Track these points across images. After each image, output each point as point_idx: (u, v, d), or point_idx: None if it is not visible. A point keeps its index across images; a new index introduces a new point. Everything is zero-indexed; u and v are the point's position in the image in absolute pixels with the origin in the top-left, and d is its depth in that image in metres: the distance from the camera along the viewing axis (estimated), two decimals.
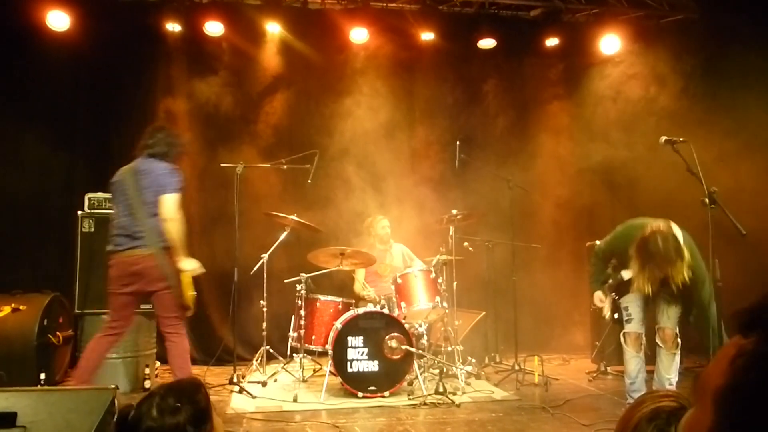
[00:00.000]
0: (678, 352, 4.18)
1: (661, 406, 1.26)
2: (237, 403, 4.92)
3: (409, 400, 4.92)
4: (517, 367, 5.76)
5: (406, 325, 5.17)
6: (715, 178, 3.90)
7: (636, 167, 7.10)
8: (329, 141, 6.83)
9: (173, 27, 6.66)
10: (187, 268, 4.24)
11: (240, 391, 5.17)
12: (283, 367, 5.77)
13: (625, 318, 4.28)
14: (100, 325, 5.31)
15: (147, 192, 4.16)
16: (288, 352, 5.83)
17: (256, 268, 5.70)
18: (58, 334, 5.38)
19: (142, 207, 4.14)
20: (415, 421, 4.42)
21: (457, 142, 6.22)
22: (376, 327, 5.07)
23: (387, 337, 5.02)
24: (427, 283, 5.43)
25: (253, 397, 5.06)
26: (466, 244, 6.29)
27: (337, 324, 5.17)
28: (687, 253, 3.74)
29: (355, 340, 5.03)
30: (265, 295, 5.69)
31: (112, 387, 2.55)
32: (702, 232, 3.72)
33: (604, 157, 7.45)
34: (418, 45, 7.24)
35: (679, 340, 4.17)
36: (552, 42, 7.41)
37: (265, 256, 5.71)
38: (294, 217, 5.65)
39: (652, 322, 4.36)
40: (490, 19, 7.34)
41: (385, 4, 7.21)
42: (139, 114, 6.76)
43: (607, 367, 5.94)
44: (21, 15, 6.27)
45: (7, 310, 4.93)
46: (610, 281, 4.25)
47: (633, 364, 4.28)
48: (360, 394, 4.96)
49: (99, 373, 4.30)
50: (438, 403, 4.79)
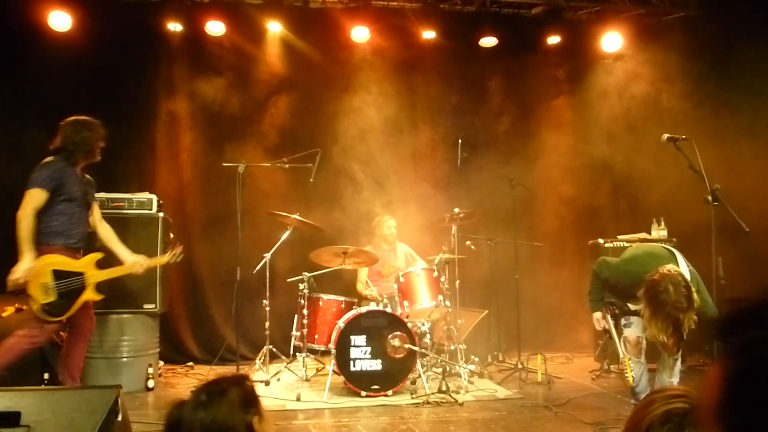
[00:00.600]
0: (679, 357, 4.16)
1: (673, 408, 1.24)
2: None
3: (412, 398, 4.92)
4: (520, 366, 5.76)
5: (409, 324, 5.17)
6: (718, 175, 3.89)
7: (639, 165, 7.09)
8: (331, 140, 6.82)
9: (174, 27, 6.67)
10: (20, 271, 4.02)
11: None
12: (286, 366, 5.77)
13: (624, 323, 4.24)
14: (103, 325, 5.35)
15: None
16: (291, 351, 5.83)
17: (258, 267, 5.70)
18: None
19: None
20: (418, 420, 4.42)
21: (459, 141, 6.22)
22: (379, 326, 5.07)
23: (390, 336, 5.02)
24: (429, 282, 5.43)
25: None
26: (468, 242, 6.28)
27: (340, 323, 5.17)
28: (696, 296, 3.64)
29: (358, 339, 5.03)
30: (267, 294, 5.69)
31: (116, 386, 2.56)
32: (705, 229, 3.71)
33: (607, 154, 7.45)
34: (419, 44, 7.23)
35: (680, 344, 4.13)
36: (554, 40, 7.40)
37: (267, 255, 5.71)
38: (296, 216, 5.65)
39: None
40: (491, 17, 7.33)
41: (386, 3, 7.21)
42: (140, 114, 6.78)
43: (611, 366, 5.93)
44: (23, 15, 6.28)
45: (10, 310, 4.94)
46: (617, 311, 4.18)
47: (636, 369, 4.25)
48: (363, 393, 4.96)
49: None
50: (441, 402, 4.79)
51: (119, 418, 2.50)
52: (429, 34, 7.16)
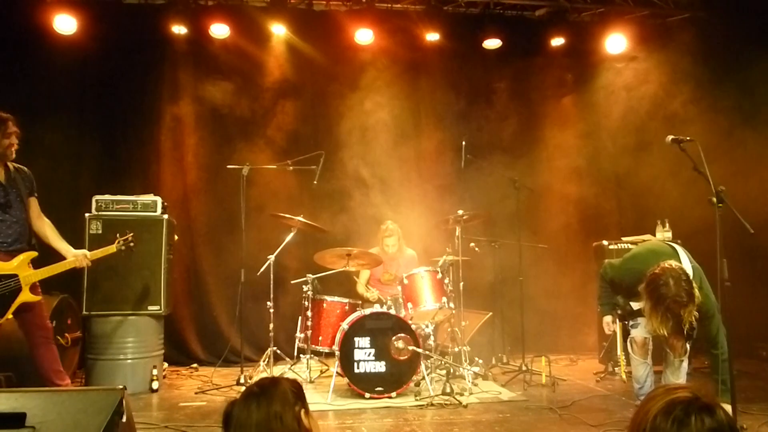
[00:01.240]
0: (686, 359, 4.15)
1: (676, 397, 1.26)
2: None
3: (416, 400, 4.91)
4: (524, 368, 5.75)
5: (413, 326, 5.17)
6: (723, 176, 3.88)
7: (643, 167, 7.08)
8: (335, 142, 6.84)
9: (179, 29, 6.69)
10: None
11: None
12: (290, 368, 5.78)
13: (631, 323, 4.24)
14: (108, 327, 5.37)
15: None
16: (295, 353, 5.84)
17: (263, 269, 5.71)
18: (67, 335, 5.41)
19: None
20: (422, 422, 4.41)
21: (463, 143, 6.22)
22: (383, 328, 5.07)
23: (394, 337, 5.02)
24: (433, 284, 5.42)
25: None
26: (472, 244, 6.28)
27: (344, 325, 5.18)
28: (697, 292, 3.64)
29: (362, 341, 5.03)
30: (272, 296, 5.70)
31: (120, 388, 2.56)
32: (710, 231, 3.69)
33: (611, 156, 7.45)
34: (423, 46, 7.24)
35: (687, 346, 4.12)
36: (557, 42, 7.40)
37: (272, 257, 5.72)
38: (300, 218, 5.66)
39: None
40: (495, 19, 7.34)
41: (389, 5, 7.22)
42: (145, 116, 6.82)
43: (615, 368, 5.92)
44: (28, 19, 6.32)
45: None
46: (620, 311, 4.19)
47: (641, 370, 4.24)
48: (367, 395, 4.96)
49: None
50: (445, 404, 4.78)
51: (124, 420, 2.51)
52: (433, 36, 7.17)
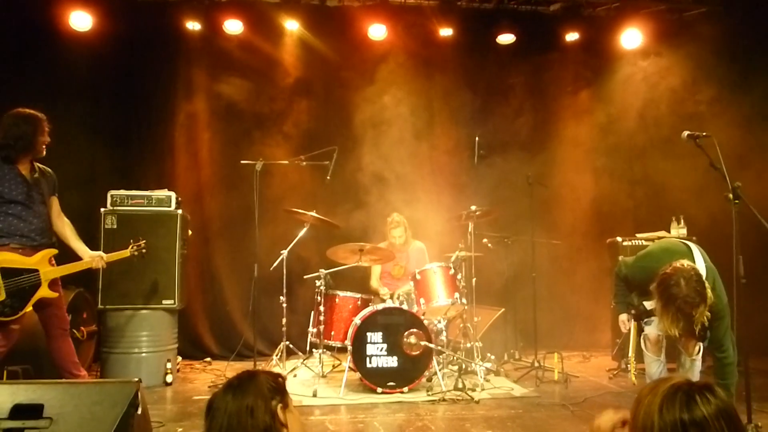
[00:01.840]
0: (699, 357, 4.12)
1: (677, 382, 1.33)
2: None
3: (428, 396, 4.92)
4: (536, 364, 5.73)
5: (425, 321, 5.17)
6: (740, 172, 3.84)
7: (658, 163, 7.02)
8: (348, 137, 6.84)
9: (193, 26, 6.73)
10: None
11: None
12: (302, 363, 5.80)
13: (645, 321, 4.21)
14: (122, 321, 5.43)
15: None
16: (307, 348, 5.86)
17: (276, 264, 5.73)
18: (82, 329, 5.46)
19: None
20: (434, 417, 4.42)
21: (477, 138, 6.20)
22: (396, 323, 5.08)
23: (406, 333, 5.03)
24: (446, 280, 5.42)
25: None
26: (485, 240, 6.27)
27: (356, 320, 5.19)
28: (709, 292, 3.60)
29: (374, 336, 5.05)
30: (284, 290, 5.72)
31: (136, 380, 2.59)
32: (725, 227, 3.66)
33: (626, 152, 7.39)
34: (436, 41, 7.21)
35: (700, 345, 4.09)
36: (572, 37, 7.35)
37: (284, 252, 5.74)
38: (313, 213, 5.68)
39: None
40: (509, 14, 7.29)
41: (403, 1, 7.19)
42: (159, 112, 6.86)
43: (628, 365, 5.88)
44: (44, 15, 6.37)
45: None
46: (633, 311, 4.17)
47: (654, 368, 4.21)
48: (379, 390, 4.98)
49: None
50: (457, 400, 4.79)
51: (139, 412, 2.53)
52: (446, 32, 7.15)
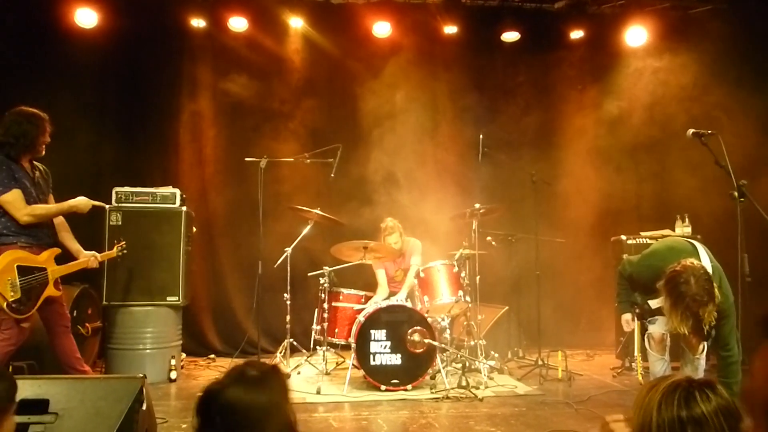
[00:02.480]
0: (703, 356, 4.11)
1: (677, 379, 1.36)
2: None
3: (432, 393, 4.92)
4: (540, 362, 5.72)
5: (429, 319, 5.17)
6: (746, 170, 3.83)
7: (663, 161, 7.01)
8: (352, 135, 6.84)
9: (198, 23, 6.75)
10: None
11: None
12: (306, 360, 5.82)
13: (649, 320, 4.20)
14: (127, 317, 5.44)
15: None
16: (311, 345, 5.87)
17: (280, 262, 5.74)
18: (87, 325, 5.49)
19: None
20: (438, 415, 4.42)
21: (480, 136, 6.19)
22: (399, 320, 5.08)
23: (410, 330, 5.03)
24: (450, 278, 5.42)
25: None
26: (489, 238, 6.26)
27: (360, 317, 5.20)
28: (716, 291, 3.60)
29: (378, 334, 5.05)
30: (288, 288, 5.73)
31: (141, 376, 2.61)
32: (730, 225, 3.66)
33: (630, 150, 7.37)
34: (441, 38, 7.21)
35: (705, 344, 4.08)
36: (577, 34, 7.33)
37: (288, 250, 5.75)
38: (317, 210, 5.68)
39: None
40: (513, 11, 7.28)
41: None
42: (164, 109, 6.88)
43: (632, 363, 5.88)
44: (50, 13, 6.39)
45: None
46: (637, 310, 4.16)
47: (658, 366, 4.21)
48: (383, 387, 4.98)
49: None
50: (461, 397, 4.79)
51: (144, 407, 2.55)
52: (451, 29, 7.14)
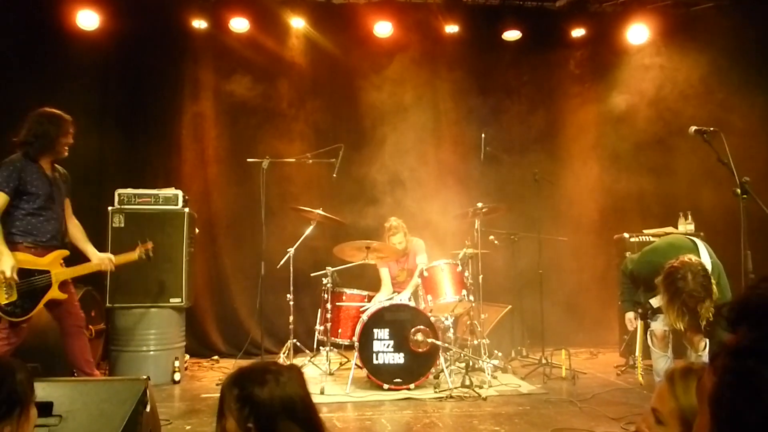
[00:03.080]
0: (705, 353, 4.10)
1: (692, 364, 1.40)
2: None
3: (436, 392, 4.92)
4: (544, 361, 5.72)
5: (433, 318, 5.17)
6: (749, 167, 3.82)
7: (666, 158, 6.99)
8: (354, 135, 6.84)
9: (199, 24, 6.76)
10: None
11: None
12: (309, 360, 5.82)
13: (651, 317, 4.20)
14: (130, 319, 5.45)
15: None
16: (315, 345, 5.87)
17: (282, 262, 5.74)
18: (91, 327, 5.47)
19: None
20: (442, 414, 4.42)
21: (483, 135, 6.18)
22: (402, 320, 5.08)
23: (413, 330, 5.02)
24: (453, 277, 5.42)
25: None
26: (491, 237, 6.26)
27: (364, 316, 5.20)
28: (714, 288, 3.62)
29: (381, 333, 5.05)
30: (291, 288, 5.73)
31: (144, 378, 2.61)
32: (733, 222, 3.65)
33: (633, 148, 7.35)
34: (442, 38, 7.21)
35: (706, 341, 4.07)
36: (578, 33, 7.33)
37: (291, 250, 5.75)
38: (320, 211, 5.68)
39: None
40: (514, 10, 7.28)
41: None
42: (166, 110, 6.88)
43: (635, 362, 5.86)
44: (51, 15, 6.41)
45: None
46: (640, 309, 4.17)
47: (661, 363, 4.20)
48: (385, 386, 4.98)
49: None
50: (464, 396, 4.79)
51: (147, 409, 2.55)
52: (452, 29, 7.14)
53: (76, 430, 2.38)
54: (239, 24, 6.82)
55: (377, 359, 5.03)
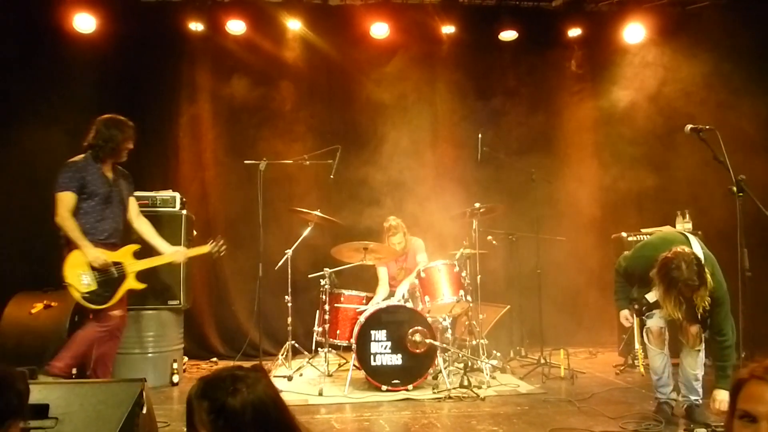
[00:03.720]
0: (702, 348, 4.10)
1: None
2: None
3: (434, 393, 4.92)
4: (542, 361, 5.72)
5: (430, 319, 5.17)
6: (745, 166, 3.82)
7: (663, 157, 6.99)
8: (351, 136, 6.84)
9: (196, 27, 6.77)
10: (89, 258, 4.25)
11: None
12: (308, 362, 5.81)
13: (647, 314, 4.21)
14: (129, 321, 5.42)
15: None
16: (313, 347, 5.87)
17: (280, 264, 5.74)
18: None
19: None
20: (440, 415, 4.42)
21: (479, 135, 6.18)
22: (400, 321, 5.07)
23: (410, 331, 5.02)
24: (450, 277, 5.41)
25: (279, 391, 5.09)
26: (489, 237, 6.26)
27: (361, 318, 5.19)
28: (709, 277, 3.65)
29: (378, 334, 5.04)
30: (289, 290, 5.73)
31: (140, 379, 2.61)
32: (730, 221, 3.65)
33: (630, 147, 7.36)
34: (439, 38, 7.21)
35: (703, 335, 4.08)
36: (575, 32, 7.34)
37: (289, 252, 5.75)
38: (317, 212, 5.68)
39: None
40: (511, 10, 7.28)
41: None
42: (163, 112, 6.89)
43: (635, 360, 5.86)
44: (48, 18, 6.41)
45: (39, 306, 5.03)
46: (636, 306, 4.18)
47: (658, 361, 4.21)
48: (384, 388, 4.98)
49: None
50: (463, 397, 4.78)
51: (144, 411, 2.55)
52: (448, 29, 7.15)
53: None
54: (236, 26, 6.82)
55: (375, 361, 5.03)
